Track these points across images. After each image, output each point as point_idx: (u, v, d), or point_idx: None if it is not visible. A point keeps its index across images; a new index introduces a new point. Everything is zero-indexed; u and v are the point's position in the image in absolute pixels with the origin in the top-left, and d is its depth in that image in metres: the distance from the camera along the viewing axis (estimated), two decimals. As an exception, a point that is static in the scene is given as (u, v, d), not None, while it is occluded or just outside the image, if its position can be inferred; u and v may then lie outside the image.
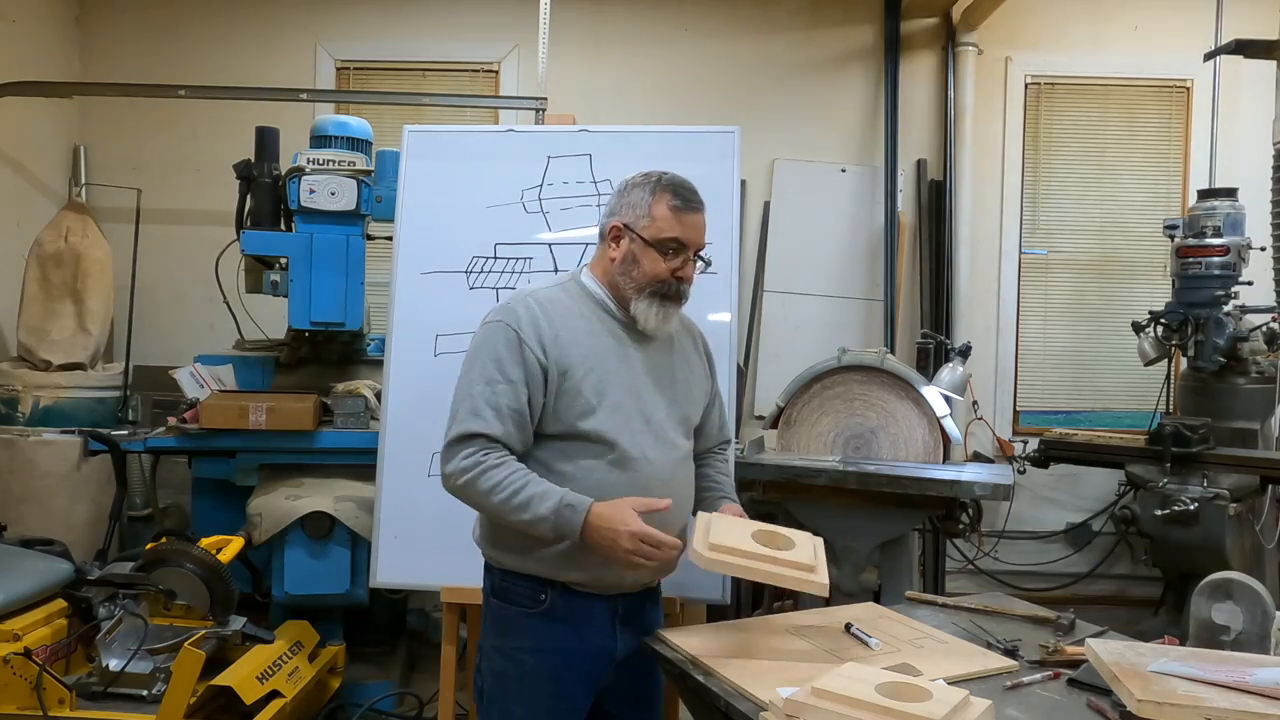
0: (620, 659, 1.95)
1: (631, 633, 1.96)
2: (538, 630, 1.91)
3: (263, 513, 3.16)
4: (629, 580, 1.92)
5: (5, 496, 3.74)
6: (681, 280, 1.94)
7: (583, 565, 1.87)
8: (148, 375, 4.16)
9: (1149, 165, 4.93)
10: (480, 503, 1.86)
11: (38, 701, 2.55)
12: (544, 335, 1.88)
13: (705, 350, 2.16)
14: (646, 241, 1.91)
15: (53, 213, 4.36)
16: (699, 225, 1.95)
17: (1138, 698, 1.49)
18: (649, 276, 1.91)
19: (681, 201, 1.92)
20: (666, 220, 1.91)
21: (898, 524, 3.07)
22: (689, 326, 2.16)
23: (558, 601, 1.90)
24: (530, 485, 1.81)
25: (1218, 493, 3.36)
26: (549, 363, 1.87)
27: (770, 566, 1.79)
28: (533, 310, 1.90)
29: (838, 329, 4.73)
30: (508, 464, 1.84)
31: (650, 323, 1.93)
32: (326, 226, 3.44)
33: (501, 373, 1.85)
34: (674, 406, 2.00)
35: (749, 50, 4.88)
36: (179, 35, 4.81)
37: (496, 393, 1.84)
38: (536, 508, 1.79)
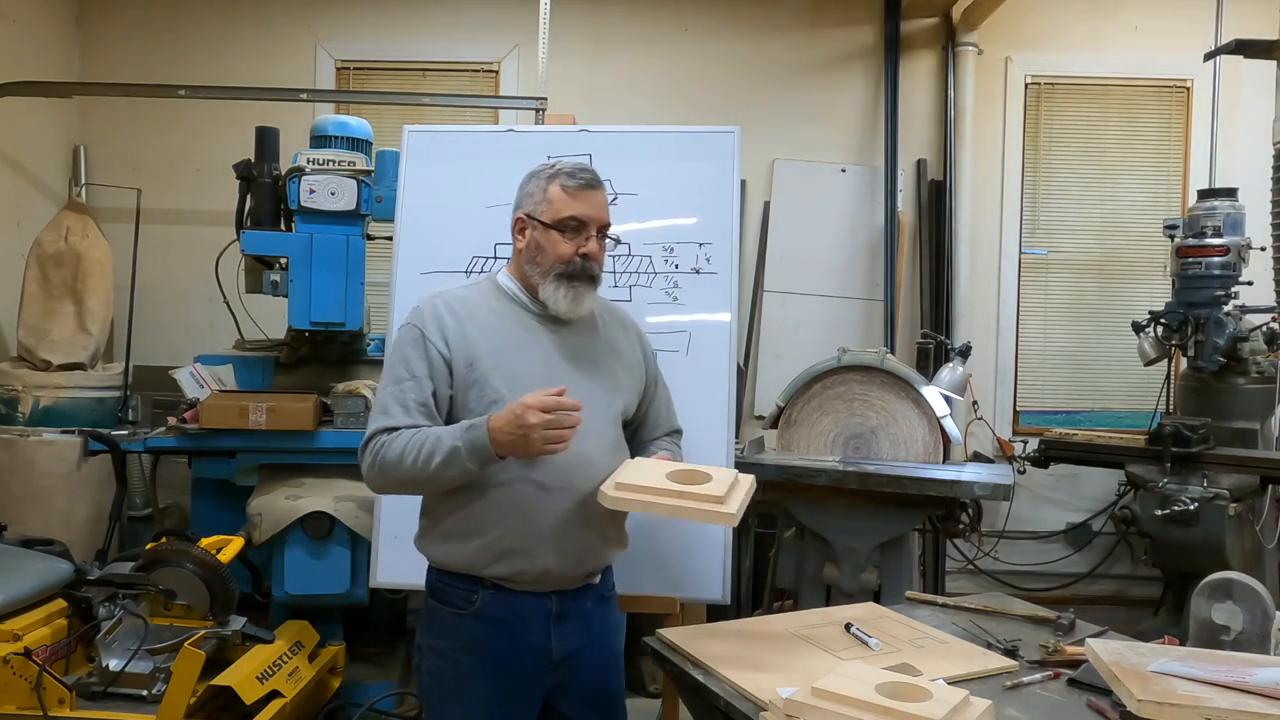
0: (560, 659, 1.93)
1: (571, 631, 1.94)
2: (470, 630, 1.91)
3: (263, 513, 3.16)
4: (556, 571, 1.89)
5: (5, 496, 3.74)
6: (587, 258, 1.94)
7: (508, 558, 1.87)
8: (148, 375, 4.16)
9: (1149, 165, 4.93)
10: (398, 479, 1.86)
11: (38, 701, 2.55)
12: (447, 330, 1.91)
13: (641, 342, 2.16)
14: (547, 225, 1.93)
15: (53, 213, 4.36)
16: (597, 201, 1.96)
17: (1138, 698, 1.49)
18: (553, 259, 1.93)
19: (575, 181, 1.94)
20: (562, 200, 1.93)
21: (898, 524, 3.07)
22: (623, 318, 2.16)
23: (489, 601, 1.89)
24: (429, 435, 1.83)
25: (1218, 493, 3.36)
26: (452, 356, 1.90)
27: (675, 500, 1.78)
28: (437, 308, 1.95)
29: (838, 329, 4.73)
30: (403, 433, 1.85)
31: (560, 305, 1.93)
32: (326, 226, 3.44)
33: (407, 370, 1.90)
34: (599, 392, 1.98)
35: (749, 50, 4.88)
36: (179, 35, 4.81)
37: (403, 389, 1.89)
38: (444, 447, 1.80)
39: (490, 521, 1.87)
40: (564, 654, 1.93)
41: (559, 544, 1.88)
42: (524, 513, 1.87)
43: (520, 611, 1.90)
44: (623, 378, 2.05)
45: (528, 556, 1.87)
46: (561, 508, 1.88)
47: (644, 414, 2.15)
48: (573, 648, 1.94)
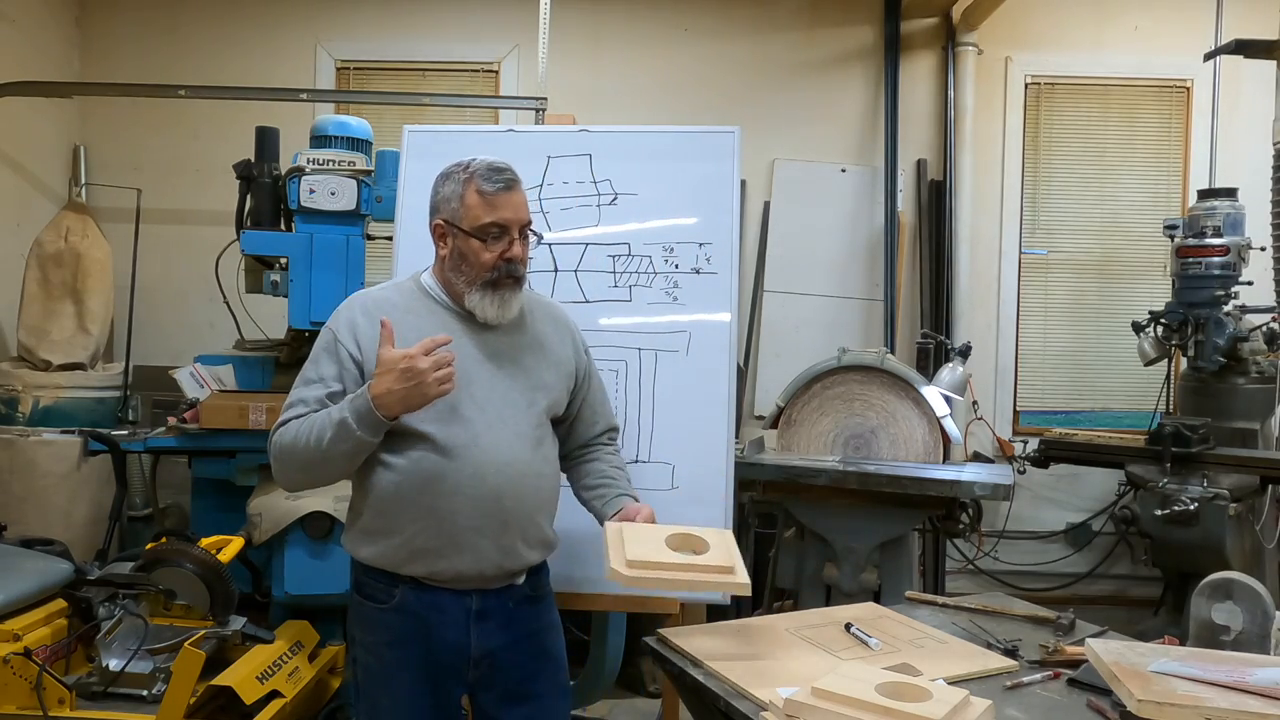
0: (479, 656, 1.92)
1: (494, 629, 1.93)
2: (391, 625, 1.92)
3: (263, 513, 3.16)
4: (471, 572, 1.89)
5: (5, 496, 3.74)
6: (511, 261, 1.91)
7: (422, 558, 1.87)
8: (148, 375, 4.16)
9: (1149, 165, 4.93)
10: (297, 463, 1.86)
11: (38, 701, 2.54)
12: (360, 333, 1.91)
13: (574, 337, 2.13)
14: (467, 233, 1.91)
15: (53, 213, 4.36)
16: (516, 203, 1.92)
17: (1138, 698, 1.49)
18: (477, 268, 1.91)
19: (491, 185, 1.90)
20: (480, 206, 1.90)
21: (898, 524, 3.07)
22: (554, 313, 2.14)
23: (408, 596, 1.90)
24: (318, 416, 1.84)
25: (1218, 493, 3.36)
26: (363, 358, 1.89)
27: (691, 575, 1.78)
28: (353, 311, 1.96)
29: (838, 329, 4.73)
30: (296, 421, 1.86)
31: (488, 313, 1.92)
32: (326, 226, 3.43)
33: (316, 373, 1.92)
34: (519, 391, 1.96)
35: (749, 50, 4.88)
36: (179, 35, 4.81)
37: (310, 390, 1.91)
38: (332, 421, 1.80)
39: (404, 520, 1.87)
40: (484, 651, 1.93)
41: (474, 545, 1.87)
42: (436, 513, 1.86)
43: (439, 607, 1.90)
44: (548, 375, 2.02)
45: (442, 556, 1.87)
46: (476, 509, 1.86)
47: (576, 410, 2.12)
48: (493, 645, 1.93)
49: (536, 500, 1.96)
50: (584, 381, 2.13)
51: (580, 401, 2.13)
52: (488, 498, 1.86)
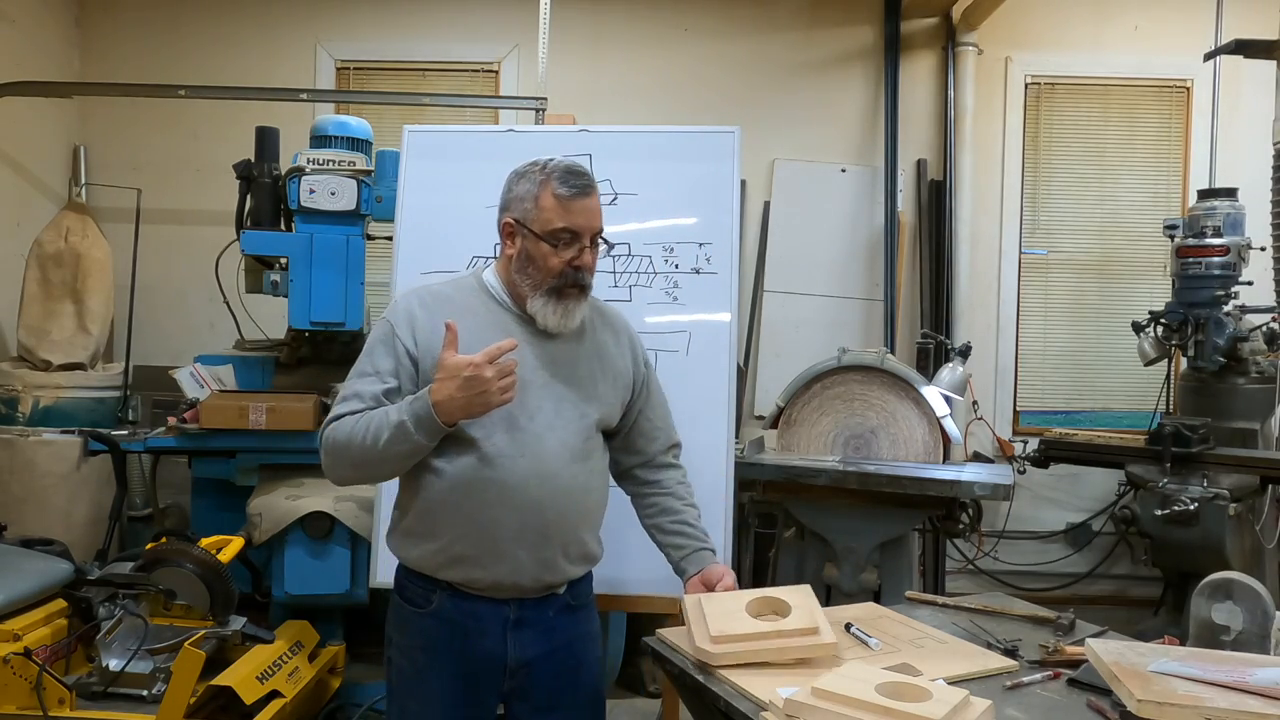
0: (515, 666, 1.89)
1: (530, 640, 1.89)
2: (428, 630, 1.89)
3: (263, 513, 3.16)
4: (509, 582, 1.85)
5: (5, 496, 3.74)
6: (579, 269, 1.86)
7: (460, 565, 1.85)
8: (148, 375, 4.16)
9: (1149, 165, 4.93)
10: (350, 460, 1.81)
11: (38, 701, 2.55)
12: (417, 327, 1.86)
13: (633, 348, 2.06)
14: (538, 236, 1.84)
15: (53, 213, 4.36)
16: (590, 210, 1.86)
17: (1138, 698, 1.49)
18: (544, 273, 1.85)
19: (568, 189, 1.83)
20: (554, 210, 1.83)
21: (898, 524, 3.07)
22: (615, 322, 2.06)
23: (446, 602, 1.87)
24: (377, 414, 1.79)
25: (1218, 493, 3.36)
26: (419, 353, 1.85)
27: (780, 642, 1.75)
28: (411, 304, 1.91)
29: (838, 329, 4.73)
30: (352, 417, 1.81)
31: (550, 320, 1.86)
32: (326, 226, 3.44)
33: (372, 365, 1.87)
34: (571, 402, 1.90)
35: (749, 50, 4.88)
36: (179, 35, 4.81)
37: (365, 383, 1.86)
38: (390, 422, 1.75)
39: (445, 526, 1.84)
40: (521, 661, 1.89)
41: (512, 556, 1.83)
42: (476, 522, 1.82)
43: (476, 615, 1.87)
44: (603, 388, 1.95)
45: (480, 565, 1.84)
46: (516, 520, 1.82)
47: (633, 422, 2.05)
48: (531, 655, 1.90)
49: (580, 514, 1.91)
50: (641, 393, 2.05)
51: (636, 413, 2.05)
52: (529, 509, 1.82)
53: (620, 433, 2.05)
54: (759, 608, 1.82)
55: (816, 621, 1.77)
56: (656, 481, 2.07)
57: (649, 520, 2.07)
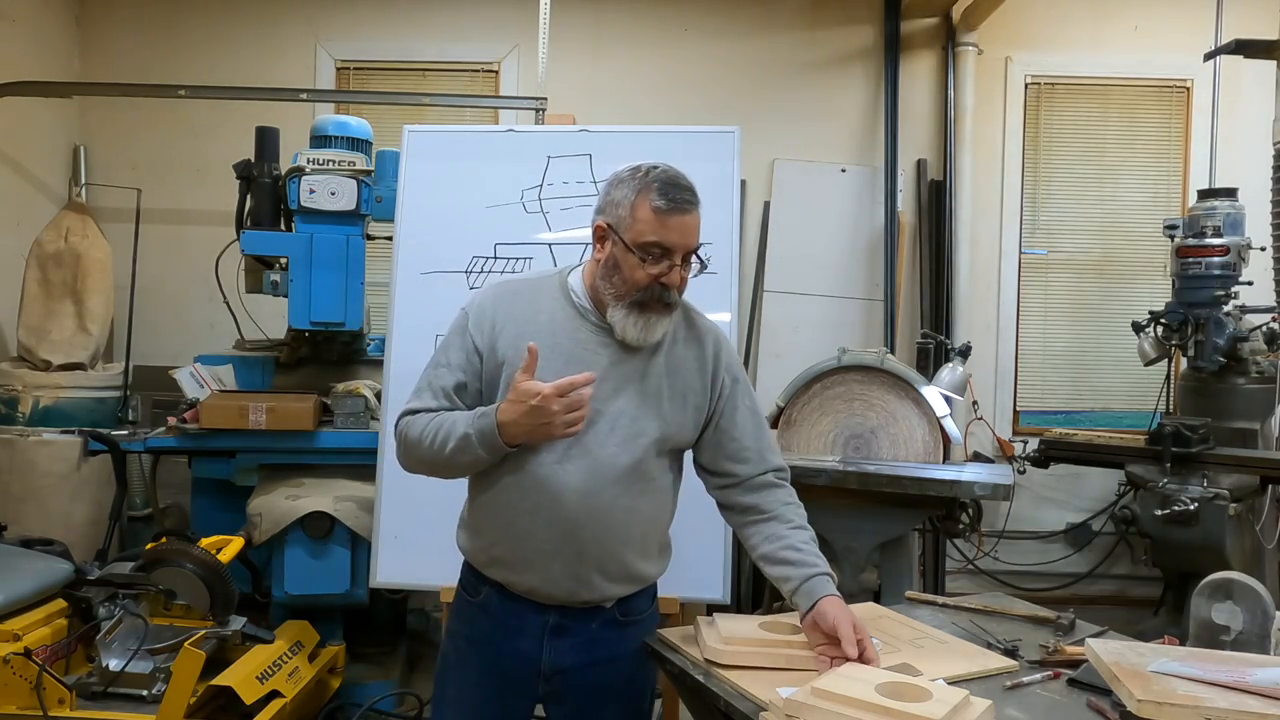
0: (550, 672, 1.86)
1: (568, 648, 1.86)
2: (473, 619, 1.91)
3: (263, 513, 3.16)
4: (543, 592, 1.82)
5: (5, 496, 3.74)
6: (667, 287, 1.76)
7: (498, 566, 1.86)
8: (148, 375, 4.16)
9: (1149, 165, 4.93)
10: (419, 458, 1.83)
11: (38, 701, 2.55)
12: (489, 322, 1.83)
13: (717, 362, 1.91)
14: (627, 245, 1.75)
15: (53, 213, 4.36)
16: (687, 227, 1.77)
17: (1138, 698, 1.49)
18: (629, 284, 1.76)
19: (666, 202, 1.74)
20: (648, 223, 1.74)
21: (898, 524, 3.07)
22: (702, 335, 1.93)
23: (493, 597, 1.88)
24: (448, 419, 1.78)
25: (1218, 493, 3.36)
26: (485, 349, 1.82)
27: (789, 651, 1.70)
28: (488, 298, 1.88)
29: (838, 329, 4.73)
30: (426, 415, 1.81)
31: (629, 333, 1.78)
32: (326, 226, 3.44)
33: (446, 356, 1.86)
34: (630, 418, 1.81)
35: (749, 50, 4.88)
36: (179, 35, 4.81)
37: (438, 374, 1.85)
38: (457, 432, 1.75)
39: (488, 525, 1.86)
40: (556, 668, 1.86)
41: (546, 568, 1.81)
42: (513, 529, 1.81)
43: (518, 615, 1.86)
44: (669, 406, 1.84)
45: (514, 570, 1.84)
46: (552, 533, 1.78)
47: (713, 438, 1.91)
48: (567, 664, 1.86)
49: (623, 535, 1.82)
50: (720, 406, 1.91)
51: (713, 430, 1.91)
52: (565, 523, 1.77)
53: (704, 453, 1.93)
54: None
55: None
56: (754, 506, 1.92)
57: (756, 554, 1.90)
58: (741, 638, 1.76)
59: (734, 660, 1.73)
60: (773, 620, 1.87)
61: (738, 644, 1.74)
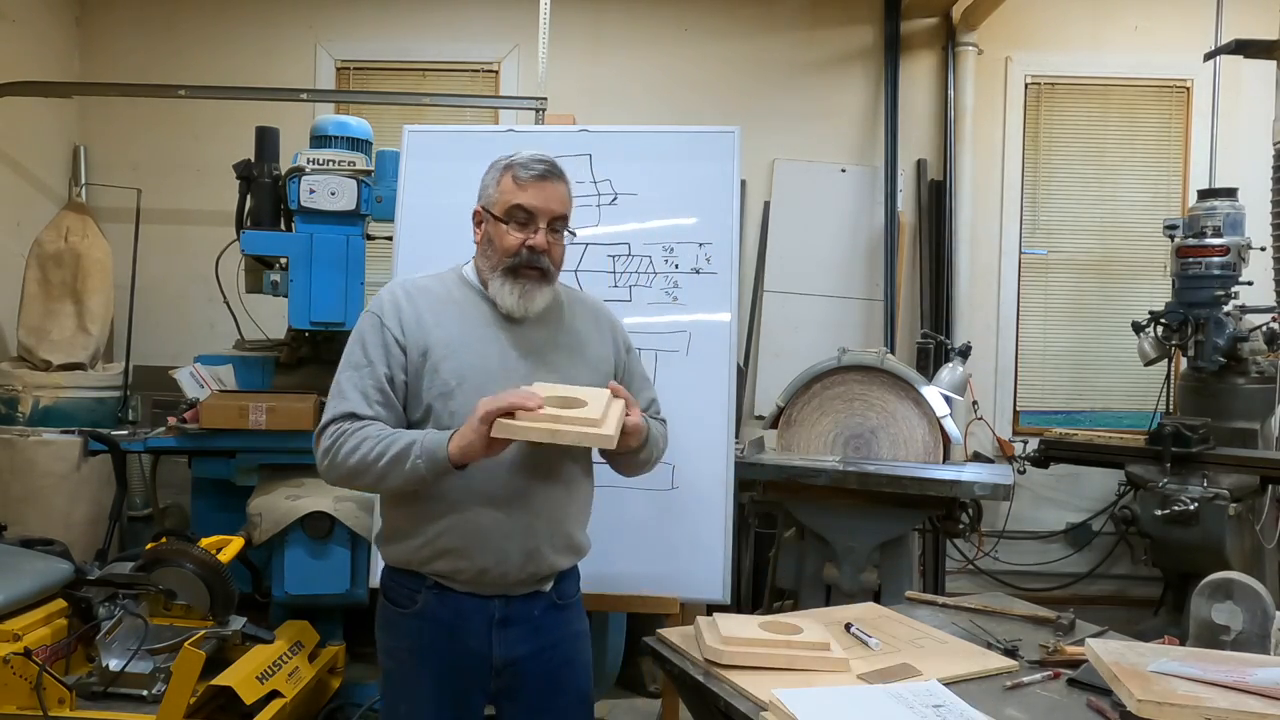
0: (501, 665, 1.88)
1: (517, 638, 1.89)
2: (412, 630, 1.89)
3: (263, 513, 3.16)
4: (495, 572, 1.84)
5: (5, 496, 3.74)
6: (534, 250, 1.87)
7: (447, 556, 1.84)
8: (148, 375, 4.16)
9: (1149, 165, 4.93)
10: (351, 471, 1.81)
11: (38, 701, 2.54)
12: (404, 317, 1.89)
13: (615, 335, 2.07)
14: (496, 217, 1.90)
15: (53, 213, 4.36)
16: (549, 193, 1.89)
17: (1138, 698, 1.49)
18: (500, 251, 1.89)
19: (525, 171, 1.89)
20: (512, 191, 1.89)
21: (898, 524, 3.07)
22: (595, 309, 2.09)
23: (431, 601, 1.87)
24: (392, 433, 1.80)
25: (1218, 493, 3.36)
26: (407, 342, 1.87)
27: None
28: (396, 295, 1.93)
29: (838, 329, 4.73)
30: (365, 427, 1.81)
31: (507, 301, 1.88)
32: (326, 226, 3.44)
33: (365, 356, 1.87)
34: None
35: (749, 50, 4.88)
36: (179, 35, 4.81)
37: (361, 375, 1.86)
38: (401, 442, 1.76)
39: (431, 520, 1.84)
40: (507, 660, 1.89)
41: (498, 547, 1.83)
42: (460, 512, 1.83)
43: (461, 614, 1.87)
44: (582, 375, 1.94)
45: (466, 556, 1.83)
46: (499, 510, 1.83)
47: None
48: (517, 654, 1.89)
49: (565, 504, 1.91)
50: (622, 380, 2.03)
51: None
52: (511, 499, 1.83)
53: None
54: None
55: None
56: None
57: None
58: (741, 638, 1.77)
59: (734, 660, 1.74)
60: (773, 620, 1.87)
61: (738, 644, 1.76)
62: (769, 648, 1.76)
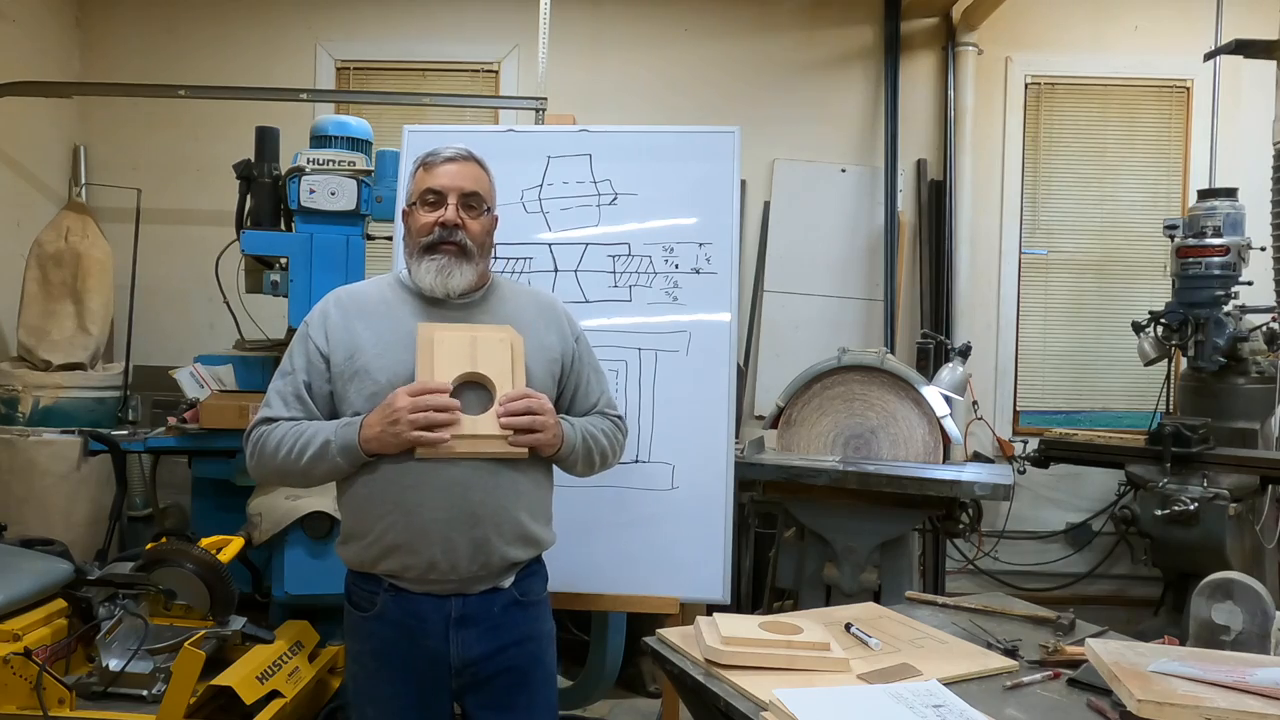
0: (461, 665, 1.88)
1: (475, 638, 1.88)
2: (373, 633, 1.91)
3: (263, 513, 3.16)
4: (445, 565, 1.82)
5: (5, 496, 3.74)
6: (445, 225, 1.90)
7: (394, 554, 1.84)
8: (148, 375, 4.16)
9: (1149, 165, 4.93)
10: (274, 469, 1.88)
11: (38, 701, 2.54)
12: (330, 326, 1.93)
13: (563, 328, 2.04)
14: (410, 206, 1.97)
15: (53, 213, 4.36)
16: (454, 171, 1.94)
17: (1138, 698, 1.49)
18: (415, 234, 1.94)
19: (430, 156, 1.96)
20: (419, 179, 1.96)
21: (898, 524, 3.07)
22: (544, 302, 2.08)
23: (389, 604, 1.88)
24: (307, 429, 1.85)
25: (1218, 493, 3.36)
26: (330, 349, 1.91)
27: (789, 651, 1.76)
28: (327, 305, 1.98)
29: (838, 329, 4.73)
30: (282, 425, 1.88)
31: (426, 280, 1.91)
32: (326, 226, 3.43)
33: (290, 363, 1.94)
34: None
35: (749, 50, 4.88)
36: (179, 35, 4.81)
37: (284, 383, 1.92)
38: (317, 440, 1.82)
39: (374, 517, 1.86)
40: (466, 660, 1.88)
41: (444, 538, 1.82)
42: (403, 506, 1.82)
43: (419, 614, 1.87)
44: (525, 365, 1.92)
45: (413, 551, 1.83)
46: (443, 501, 1.81)
47: (570, 401, 2.04)
48: (476, 654, 1.88)
49: (511, 493, 1.87)
50: (573, 369, 2.04)
51: (573, 391, 2.05)
52: (453, 489, 1.81)
53: (560, 409, 2.01)
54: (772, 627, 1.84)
55: (828, 637, 1.79)
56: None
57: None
58: (741, 638, 1.78)
59: (734, 660, 1.74)
60: (773, 620, 1.87)
61: (738, 644, 1.76)
62: (769, 648, 1.76)
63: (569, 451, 1.94)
